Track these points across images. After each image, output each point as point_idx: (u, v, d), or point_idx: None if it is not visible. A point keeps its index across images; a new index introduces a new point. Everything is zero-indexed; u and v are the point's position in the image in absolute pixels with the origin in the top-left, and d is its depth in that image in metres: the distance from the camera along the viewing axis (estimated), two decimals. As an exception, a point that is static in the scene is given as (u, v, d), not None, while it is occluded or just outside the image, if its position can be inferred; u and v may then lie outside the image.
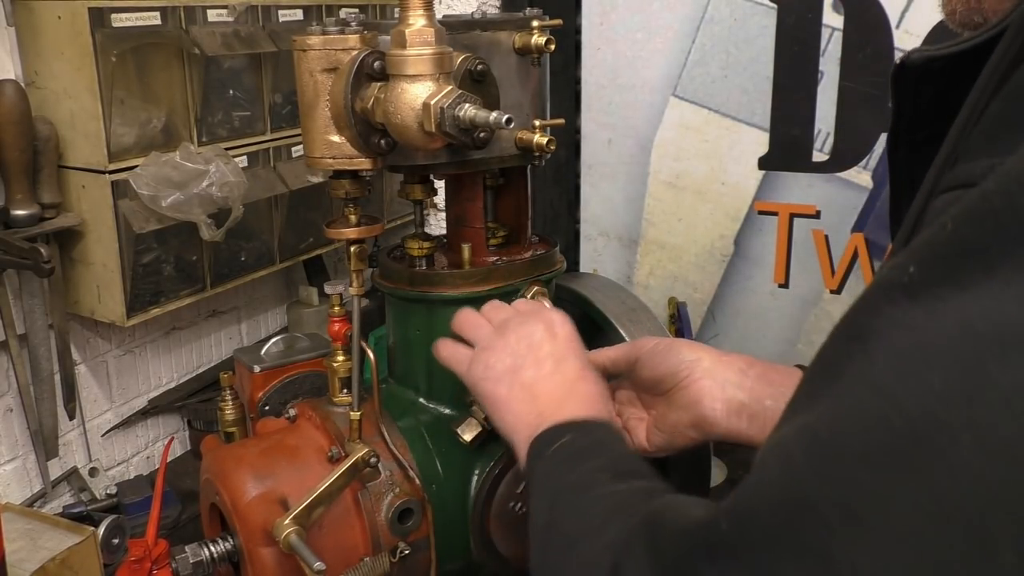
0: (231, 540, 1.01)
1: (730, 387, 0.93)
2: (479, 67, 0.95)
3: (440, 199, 1.21)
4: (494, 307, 0.99)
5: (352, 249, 0.99)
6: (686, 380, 0.95)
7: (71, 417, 1.49)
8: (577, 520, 0.70)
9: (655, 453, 1.00)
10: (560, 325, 0.92)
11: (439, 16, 0.92)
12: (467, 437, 1.02)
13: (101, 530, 1.29)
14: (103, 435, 1.59)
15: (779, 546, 0.44)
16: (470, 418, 1.02)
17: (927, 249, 0.45)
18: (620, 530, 0.62)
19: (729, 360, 0.95)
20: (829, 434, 0.44)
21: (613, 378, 1.04)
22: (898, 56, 1.56)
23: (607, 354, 1.02)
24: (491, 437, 1.05)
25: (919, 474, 0.40)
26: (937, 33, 1.53)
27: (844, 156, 1.66)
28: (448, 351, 0.98)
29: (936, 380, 0.41)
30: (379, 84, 0.89)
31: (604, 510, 0.69)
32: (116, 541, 1.33)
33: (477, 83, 0.95)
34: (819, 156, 1.68)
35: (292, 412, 1.10)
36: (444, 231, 1.16)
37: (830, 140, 1.66)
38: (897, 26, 1.56)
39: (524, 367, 0.89)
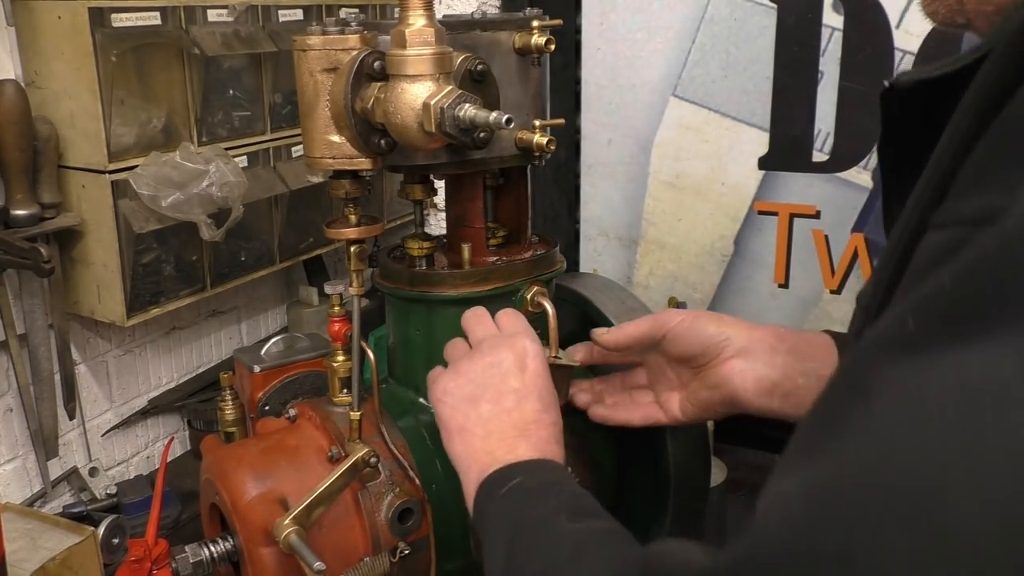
0: (231, 540, 1.01)
1: (760, 366, 0.93)
2: (479, 67, 0.95)
3: (440, 199, 1.21)
4: (476, 319, 0.99)
5: (352, 249, 0.99)
6: (716, 359, 0.94)
7: (71, 417, 1.49)
8: (540, 561, 0.70)
9: (690, 423, 1.01)
10: (532, 358, 0.91)
11: (439, 16, 0.92)
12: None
13: (101, 530, 1.29)
14: (103, 435, 1.59)
15: None
16: None
17: (925, 303, 0.45)
18: (598, 571, 0.63)
19: (759, 336, 0.94)
20: (829, 489, 0.44)
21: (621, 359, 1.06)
22: (897, 61, 1.56)
23: (629, 331, 1.01)
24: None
25: (918, 531, 0.40)
26: (937, 33, 1.53)
27: (844, 156, 1.66)
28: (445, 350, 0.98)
29: (935, 437, 0.41)
30: (379, 84, 0.89)
31: (570, 551, 0.69)
32: (116, 541, 1.33)
33: (477, 83, 0.95)
34: (819, 156, 1.68)
35: (292, 412, 1.10)
36: (444, 231, 1.16)
37: (830, 140, 1.66)
38: (897, 26, 1.56)
39: (483, 399, 0.89)
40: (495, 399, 0.89)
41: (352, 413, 1.00)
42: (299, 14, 1.60)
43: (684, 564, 0.56)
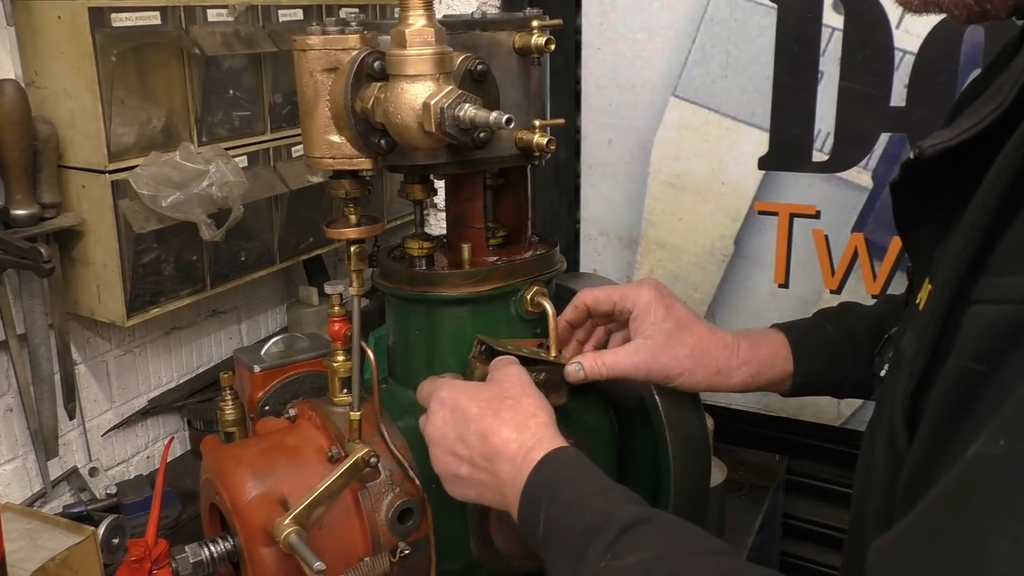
0: (231, 540, 1.01)
1: (700, 380, 1.05)
2: (479, 67, 0.95)
3: (440, 199, 1.21)
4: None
5: (352, 249, 0.99)
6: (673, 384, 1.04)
7: (71, 417, 1.49)
8: None
9: None
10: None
11: (439, 16, 0.92)
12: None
13: (101, 530, 1.29)
14: (103, 435, 1.59)
15: None
16: None
17: (1014, 420, 0.49)
18: None
19: (737, 381, 1.05)
20: None
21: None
22: (897, 61, 1.56)
23: (588, 304, 1.09)
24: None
25: None
26: (937, 33, 1.53)
27: (844, 156, 1.66)
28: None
29: None
30: (379, 84, 0.89)
31: None
32: (116, 541, 1.33)
33: (477, 83, 0.95)
34: (819, 156, 1.68)
35: (292, 412, 1.10)
36: (444, 231, 1.16)
37: (830, 140, 1.66)
38: (897, 26, 1.56)
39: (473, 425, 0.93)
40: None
41: (352, 413, 1.00)
42: (299, 14, 1.60)
43: None
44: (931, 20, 1.53)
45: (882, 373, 0.92)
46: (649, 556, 0.73)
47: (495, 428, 0.90)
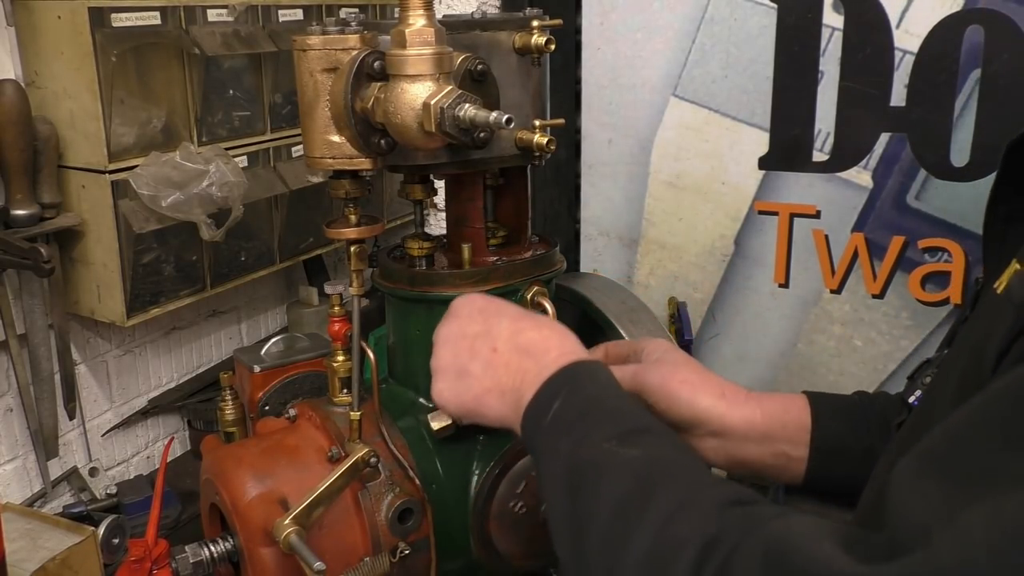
0: (231, 540, 1.01)
1: (732, 447, 0.96)
2: (479, 67, 0.95)
3: (440, 199, 1.21)
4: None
5: (352, 249, 0.99)
6: (689, 435, 0.96)
7: (71, 417, 1.49)
8: (609, 505, 0.67)
9: None
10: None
11: (439, 16, 0.92)
12: (434, 426, 1.00)
13: (101, 530, 1.29)
14: (103, 435, 1.59)
15: None
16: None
17: None
18: (704, 533, 0.59)
19: (732, 422, 0.95)
20: (1019, 542, 0.44)
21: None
22: (897, 61, 1.56)
23: (608, 353, 1.03)
24: (491, 436, 1.05)
25: None
26: (937, 33, 1.53)
27: (844, 156, 1.66)
28: None
29: None
30: (379, 84, 0.89)
31: (639, 492, 0.66)
32: (116, 541, 1.33)
33: (477, 83, 0.95)
34: (819, 156, 1.68)
35: (292, 412, 1.10)
36: (444, 231, 1.16)
37: (830, 140, 1.66)
38: (897, 26, 1.56)
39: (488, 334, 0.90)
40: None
41: (352, 413, 1.00)
42: (299, 14, 1.60)
43: (819, 560, 0.51)
44: (932, 20, 1.53)
45: (912, 399, 0.87)
46: (653, 456, 0.70)
47: (536, 326, 0.87)
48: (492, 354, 0.87)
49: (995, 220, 0.81)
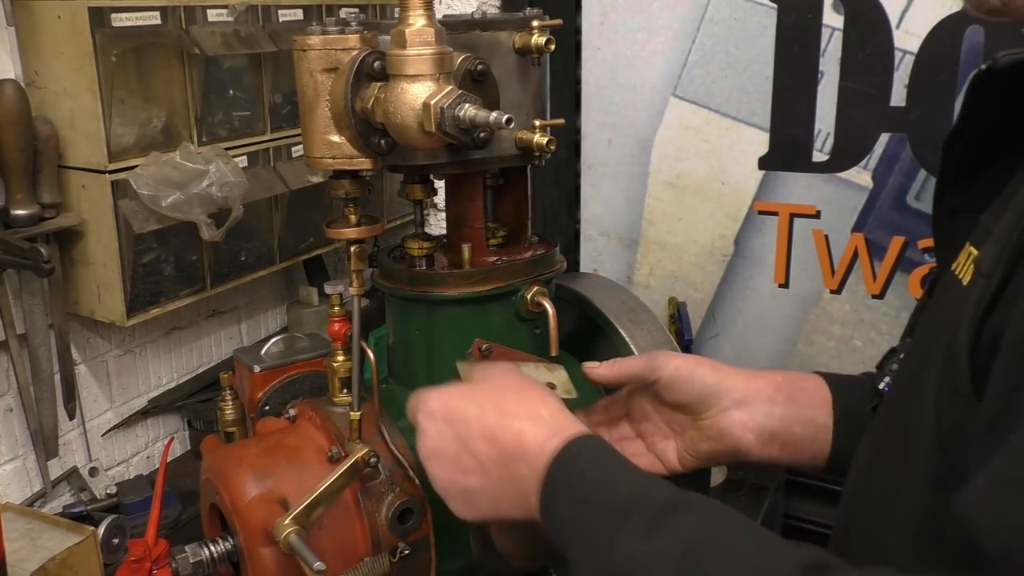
0: (231, 540, 1.01)
1: (760, 416, 0.94)
2: (479, 67, 0.95)
3: (440, 199, 1.21)
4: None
5: (352, 249, 0.99)
6: (715, 410, 0.95)
7: (71, 417, 1.49)
8: None
9: (687, 472, 1.00)
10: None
11: (439, 16, 0.92)
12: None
13: (101, 530, 1.29)
14: (103, 435, 1.59)
15: None
16: None
17: None
18: None
19: (757, 386, 0.95)
20: None
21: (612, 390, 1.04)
22: (897, 61, 1.56)
23: (621, 369, 1.00)
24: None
25: None
26: (937, 33, 1.53)
27: (844, 156, 1.66)
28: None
29: None
30: (379, 84, 0.89)
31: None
32: (116, 541, 1.33)
33: (477, 83, 0.95)
34: (819, 156, 1.68)
35: (292, 412, 1.10)
36: (444, 231, 1.16)
37: (830, 140, 1.66)
38: (897, 26, 1.56)
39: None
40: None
41: (352, 413, 1.00)
42: (299, 14, 1.60)
43: None
44: (931, 19, 1.53)
45: (881, 385, 0.88)
46: (693, 538, 0.64)
47: (503, 424, 0.80)
48: (481, 468, 0.81)
49: (942, 213, 0.84)
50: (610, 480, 0.73)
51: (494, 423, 0.81)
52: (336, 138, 0.92)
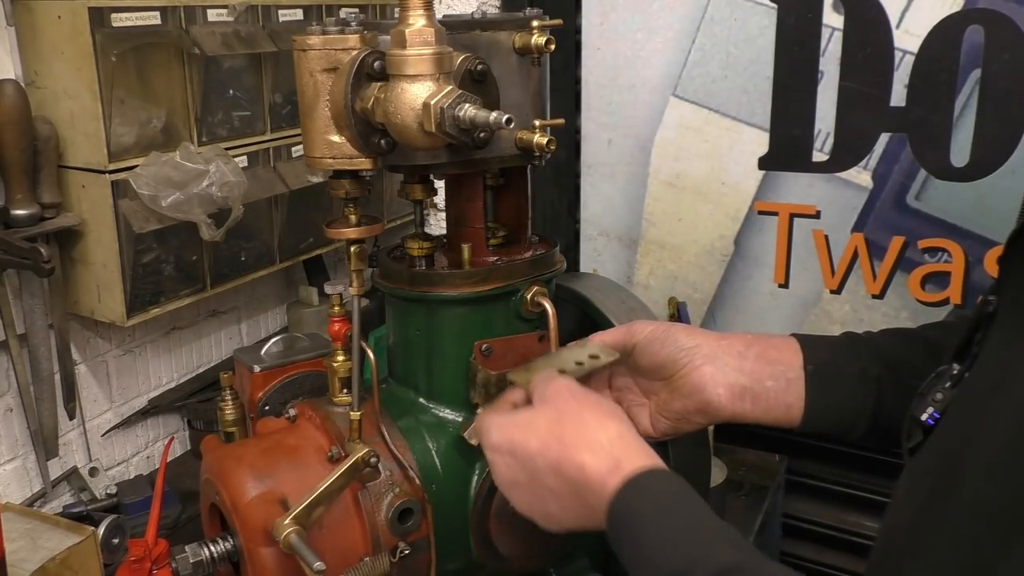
0: (231, 540, 1.01)
1: (731, 371, 0.95)
2: (479, 67, 0.95)
3: (440, 199, 1.21)
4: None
5: (352, 249, 0.99)
6: (687, 367, 0.96)
7: (71, 417, 1.49)
8: None
9: (660, 438, 1.00)
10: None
11: (439, 16, 0.92)
12: (474, 442, 1.00)
13: (101, 530, 1.29)
14: (103, 435, 1.59)
15: None
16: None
17: None
18: None
19: (727, 343, 0.97)
20: None
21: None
22: (897, 61, 1.56)
23: (602, 339, 1.02)
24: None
25: None
26: (937, 33, 1.53)
27: (844, 156, 1.66)
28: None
29: None
30: (379, 84, 0.89)
31: None
32: (116, 541, 1.33)
33: (477, 83, 0.95)
34: (819, 156, 1.68)
35: (292, 412, 1.10)
36: (444, 231, 1.16)
37: (830, 140, 1.66)
38: (897, 26, 1.56)
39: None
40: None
41: (352, 413, 1.00)
42: (299, 14, 1.60)
43: None
44: (931, 20, 1.53)
45: (924, 417, 0.76)
46: None
47: (566, 457, 0.81)
48: (556, 497, 0.83)
49: (1018, 248, 0.74)
50: (670, 540, 0.74)
51: (557, 457, 0.82)
52: (336, 138, 0.92)
